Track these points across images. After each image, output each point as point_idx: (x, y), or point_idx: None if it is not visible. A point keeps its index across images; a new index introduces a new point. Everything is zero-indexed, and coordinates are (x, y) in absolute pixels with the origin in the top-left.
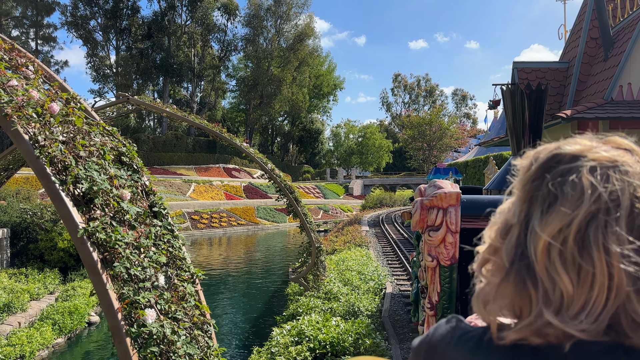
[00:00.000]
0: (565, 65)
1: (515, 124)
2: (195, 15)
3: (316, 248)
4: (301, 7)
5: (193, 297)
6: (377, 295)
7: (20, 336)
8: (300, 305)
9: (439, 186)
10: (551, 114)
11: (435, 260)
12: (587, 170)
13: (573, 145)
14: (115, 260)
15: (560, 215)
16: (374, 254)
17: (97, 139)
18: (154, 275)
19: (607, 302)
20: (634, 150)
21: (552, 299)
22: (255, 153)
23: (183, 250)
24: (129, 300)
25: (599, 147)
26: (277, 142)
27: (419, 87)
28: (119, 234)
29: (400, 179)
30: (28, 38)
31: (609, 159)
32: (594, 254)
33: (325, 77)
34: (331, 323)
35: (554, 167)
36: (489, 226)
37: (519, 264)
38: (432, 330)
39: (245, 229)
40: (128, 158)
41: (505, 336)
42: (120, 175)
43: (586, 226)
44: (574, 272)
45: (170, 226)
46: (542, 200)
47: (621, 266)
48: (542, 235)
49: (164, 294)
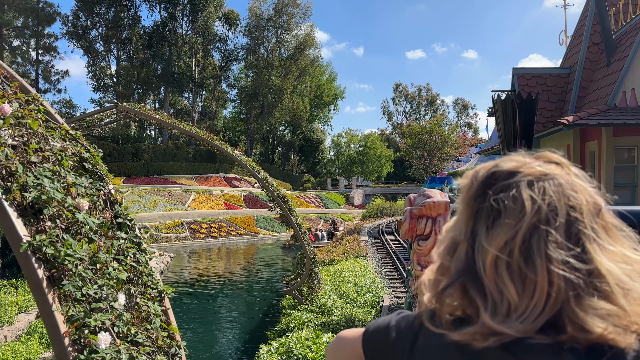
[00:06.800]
0: (566, 72)
1: (506, 132)
2: (196, 25)
3: (310, 259)
4: (302, 17)
5: (159, 318)
6: (374, 308)
7: (4, 350)
8: (292, 320)
9: (428, 195)
10: (552, 121)
11: (424, 269)
12: (525, 184)
13: (508, 162)
14: (64, 277)
15: (505, 229)
16: (373, 265)
17: (57, 143)
18: (112, 294)
19: (545, 306)
20: (562, 163)
21: (500, 308)
22: (248, 161)
23: (150, 266)
24: (79, 323)
25: (532, 163)
26: (278, 152)
27: (419, 97)
28: (70, 248)
29: (401, 188)
30: (29, 48)
31: (543, 173)
32: (537, 263)
33: (326, 86)
34: (322, 340)
35: (494, 183)
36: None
37: (464, 277)
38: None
39: (244, 239)
40: (91, 164)
41: (450, 336)
42: (80, 183)
43: (530, 237)
44: (519, 282)
45: (137, 239)
46: (486, 215)
47: (560, 272)
48: (490, 249)
49: (124, 314)
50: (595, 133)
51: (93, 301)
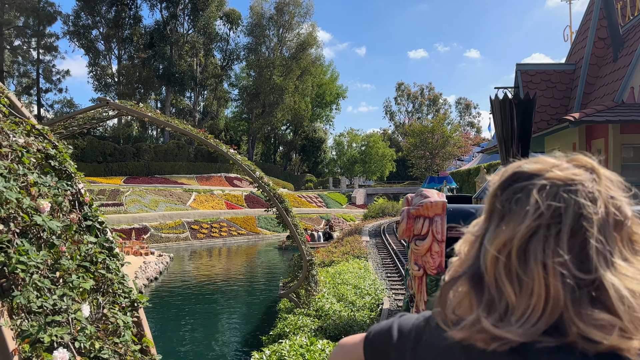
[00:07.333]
0: (571, 68)
1: (503, 133)
2: (198, 25)
3: (307, 261)
4: (303, 16)
5: (130, 330)
6: (373, 311)
7: None
8: (288, 325)
9: (425, 195)
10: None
11: (421, 269)
12: (537, 188)
13: (533, 165)
14: (16, 287)
15: (506, 230)
16: (373, 266)
17: (20, 139)
18: (74, 305)
19: (544, 311)
20: (595, 169)
21: (498, 306)
22: (243, 160)
23: (122, 273)
24: (31, 339)
25: (559, 166)
26: (279, 151)
27: (422, 96)
28: (25, 254)
29: (404, 188)
30: (30, 47)
31: (562, 178)
32: (532, 267)
33: (327, 85)
34: (316, 347)
35: (511, 185)
36: (462, 239)
37: (469, 273)
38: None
39: (245, 239)
40: (58, 162)
41: (451, 334)
42: (43, 182)
43: (527, 241)
44: (516, 284)
45: (108, 243)
46: (496, 216)
47: (558, 279)
48: (490, 248)
49: (87, 328)
50: (602, 130)
51: (51, 313)
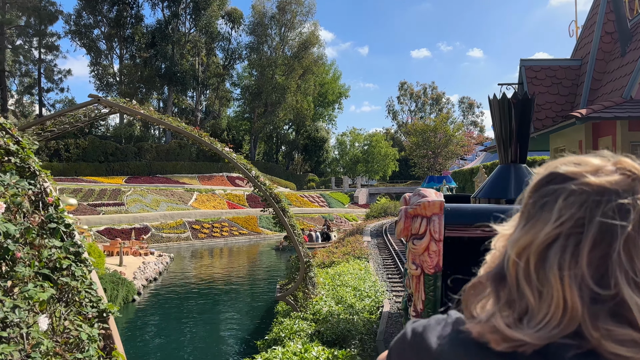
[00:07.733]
0: (577, 63)
1: (502, 132)
2: (199, 24)
3: (305, 263)
4: (305, 15)
5: (95, 343)
6: (373, 314)
7: None
8: (284, 329)
9: (423, 195)
10: (563, 115)
11: (419, 268)
12: (565, 195)
13: (570, 166)
14: None
15: (527, 236)
16: (374, 267)
17: None
18: (30, 317)
19: (562, 319)
20: (638, 177)
21: (518, 307)
22: (239, 159)
23: (90, 280)
24: None
25: (599, 170)
26: (282, 151)
27: (425, 95)
28: None
29: (406, 187)
30: (31, 47)
31: (595, 185)
32: (549, 276)
33: (330, 85)
34: (311, 355)
35: (544, 186)
36: (498, 234)
37: (495, 270)
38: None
39: (247, 239)
40: (19, 159)
41: (470, 328)
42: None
43: (546, 249)
44: (535, 289)
45: (74, 247)
46: (524, 217)
47: (575, 291)
48: (510, 252)
49: (43, 343)
50: (609, 128)
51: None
